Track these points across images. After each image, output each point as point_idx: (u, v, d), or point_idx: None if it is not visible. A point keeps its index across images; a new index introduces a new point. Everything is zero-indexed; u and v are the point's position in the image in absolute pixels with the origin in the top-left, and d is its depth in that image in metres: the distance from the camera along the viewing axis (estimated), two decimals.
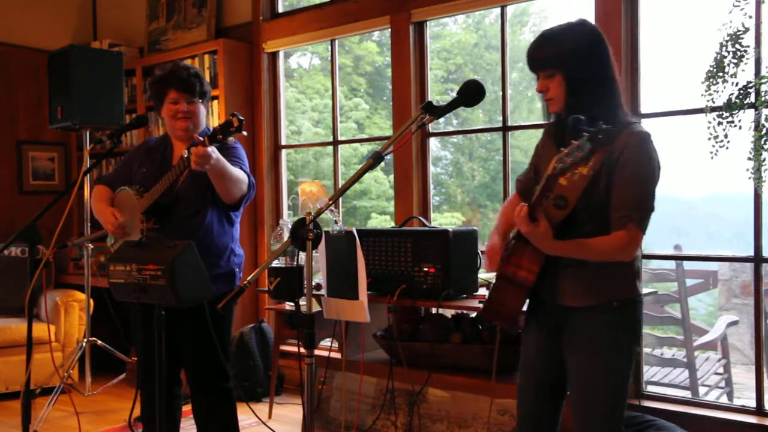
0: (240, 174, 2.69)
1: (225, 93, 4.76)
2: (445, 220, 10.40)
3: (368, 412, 3.48)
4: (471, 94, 2.07)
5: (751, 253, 3.25)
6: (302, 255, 2.07)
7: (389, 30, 4.30)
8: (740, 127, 2.94)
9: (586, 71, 1.98)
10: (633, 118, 2.04)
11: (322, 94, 10.60)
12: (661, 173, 1.98)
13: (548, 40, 2.01)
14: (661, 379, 4.48)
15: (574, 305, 2.03)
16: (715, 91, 2.93)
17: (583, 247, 1.94)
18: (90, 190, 4.28)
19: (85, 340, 4.30)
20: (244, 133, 2.44)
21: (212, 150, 2.46)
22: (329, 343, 3.62)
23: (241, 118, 2.41)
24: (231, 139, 2.52)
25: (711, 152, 2.97)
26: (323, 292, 3.32)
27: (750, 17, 2.91)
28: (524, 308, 2.11)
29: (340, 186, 3.67)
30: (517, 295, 2.03)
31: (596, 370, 2.02)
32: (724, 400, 4.53)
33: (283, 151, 5.03)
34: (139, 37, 5.58)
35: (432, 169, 4.31)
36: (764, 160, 2.88)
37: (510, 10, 4.00)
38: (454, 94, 2.08)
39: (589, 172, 1.72)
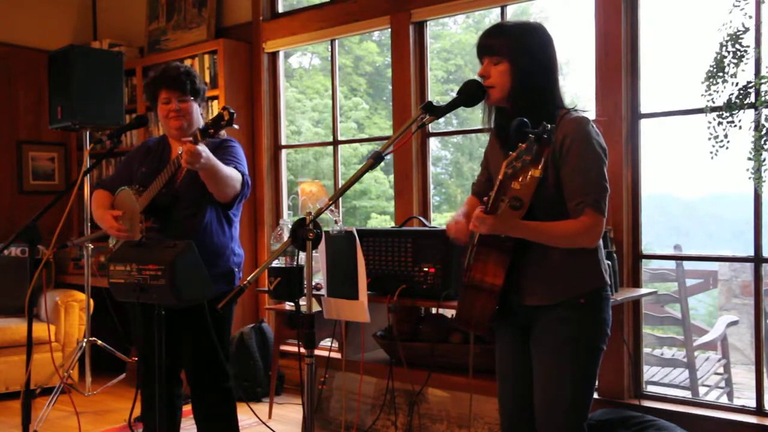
0: (233, 173, 2.67)
1: (225, 93, 4.76)
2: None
3: (368, 412, 3.48)
4: (471, 94, 2.07)
5: (751, 253, 3.25)
6: (302, 255, 2.07)
7: (389, 30, 4.30)
8: (740, 127, 2.94)
9: (532, 66, 2.03)
10: (569, 109, 2.07)
11: (322, 94, 10.60)
12: (606, 153, 2.02)
13: (503, 30, 2.07)
14: (661, 379, 4.48)
15: (539, 304, 2.05)
16: (715, 91, 2.93)
17: (548, 228, 1.97)
18: (90, 191, 4.29)
19: (85, 340, 4.30)
20: (236, 126, 2.43)
21: (203, 148, 2.45)
22: (329, 343, 3.62)
23: (232, 111, 2.40)
24: (223, 133, 2.52)
25: (711, 152, 2.97)
26: (323, 292, 3.32)
27: (750, 17, 2.91)
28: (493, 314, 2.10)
29: (340, 186, 3.67)
30: (488, 301, 2.03)
31: (560, 369, 2.03)
32: (724, 400, 4.53)
33: (283, 151, 5.03)
34: (139, 37, 5.58)
35: (432, 169, 4.31)
36: (764, 160, 2.88)
37: (510, 10, 4.00)
38: (454, 95, 2.08)
39: (540, 173, 1.74)
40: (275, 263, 3.45)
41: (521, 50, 2.02)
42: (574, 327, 2.03)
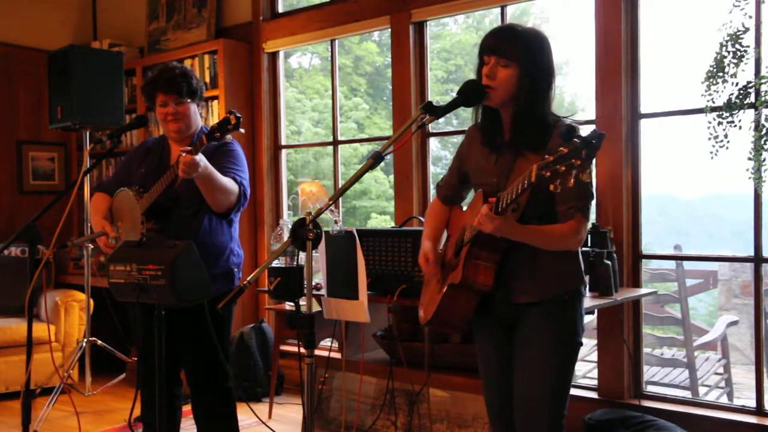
0: (230, 185, 2.64)
1: (225, 93, 4.76)
2: None
3: (368, 412, 3.48)
4: (471, 94, 2.07)
5: (751, 253, 3.25)
6: (302, 255, 2.07)
7: (389, 30, 4.30)
8: (740, 127, 2.94)
9: (537, 74, 2.04)
10: (558, 116, 2.10)
11: (322, 94, 10.60)
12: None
13: (516, 33, 2.07)
14: (661, 379, 4.47)
15: (527, 302, 2.08)
16: (715, 91, 2.94)
17: (545, 232, 2.01)
18: (90, 191, 4.29)
19: (85, 340, 4.30)
20: (242, 130, 2.43)
21: (200, 158, 2.44)
22: (329, 343, 3.62)
23: (239, 115, 2.39)
24: (229, 137, 2.51)
25: (711, 152, 2.98)
26: (323, 292, 3.32)
27: (750, 17, 2.91)
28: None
29: (340, 186, 3.67)
30: (471, 301, 2.08)
31: (546, 362, 2.07)
32: (724, 400, 4.53)
33: (283, 151, 5.03)
34: (139, 37, 5.58)
35: (432, 169, 4.31)
36: (764, 160, 2.88)
37: (510, 10, 4.00)
38: (454, 95, 2.08)
39: (589, 177, 1.72)
40: (275, 263, 3.45)
41: (530, 57, 2.03)
42: (560, 322, 2.09)
